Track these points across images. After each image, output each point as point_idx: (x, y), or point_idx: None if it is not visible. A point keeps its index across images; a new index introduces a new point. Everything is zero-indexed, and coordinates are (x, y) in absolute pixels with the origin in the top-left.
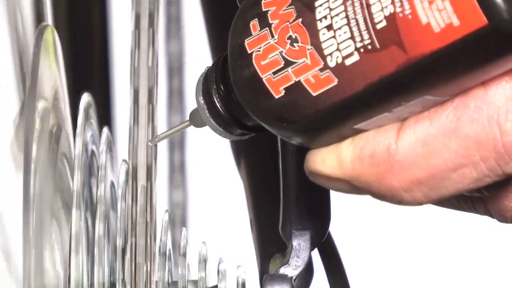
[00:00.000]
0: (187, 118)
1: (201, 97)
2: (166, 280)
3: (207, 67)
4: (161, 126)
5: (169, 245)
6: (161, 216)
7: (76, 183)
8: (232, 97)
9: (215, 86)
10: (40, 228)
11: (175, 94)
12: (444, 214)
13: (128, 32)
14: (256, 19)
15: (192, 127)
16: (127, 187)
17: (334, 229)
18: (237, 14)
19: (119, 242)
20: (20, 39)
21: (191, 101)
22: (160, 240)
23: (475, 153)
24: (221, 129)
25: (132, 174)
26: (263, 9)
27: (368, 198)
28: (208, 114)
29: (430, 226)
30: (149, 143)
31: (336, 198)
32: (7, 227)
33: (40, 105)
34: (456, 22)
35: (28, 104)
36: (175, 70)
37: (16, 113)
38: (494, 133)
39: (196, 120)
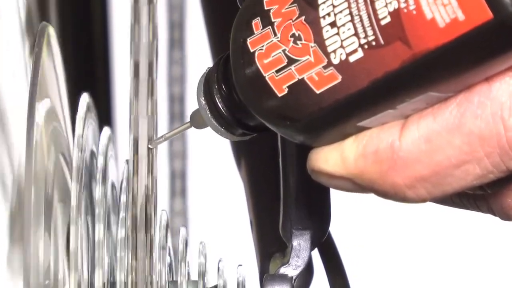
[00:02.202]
0: (188, 120)
1: (203, 98)
2: (166, 280)
3: (208, 67)
4: (161, 129)
5: (169, 245)
6: (161, 216)
7: (75, 185)
8: (234, 97)
9: (216, 86)
10: (39, 229)
11: (176, 100)
12: (445, 214)
13: (128, 32)
14: (258, 17)
15: (193, 128)
16: (128, 186)
17: (334, 228)
18: (238, 13)
19: (119, 242)
20: (29, 37)
21: (191, 104)
22: (160, 240)
23: (478, 149)
24: (222, 129)
25: (133, 169)
26: (265, 8)
27: (368, 197)
28: (209, 115)
29: (431, 225)
30: (150, 146)
31: (336, 198)
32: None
33: (41, 104)
34: (461, 16)
35: (29, 104)
36: (176, 75)
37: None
38: (498, 129)
39: (197, 121)
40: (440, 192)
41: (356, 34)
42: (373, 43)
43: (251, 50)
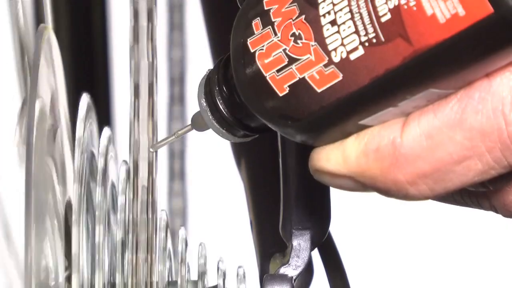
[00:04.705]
0: (187, 121)
1: (204, 99)
2: (165, 280)
3: (209, 69)
4: (162, 132)
5: (169, 245)
6: (161, 216)
7: (76, 186)
8: (235, 98)
9: (217, 88)
10: (40, 229)
11: (176, 101)
12: (446, 214)
13: (128, 32)
14: (258, 18)
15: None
16: (127, 187)
17: (334, 229)
18: (238, 14)
19: (119, 242)
20: (23, 38)
21: (192, 107)
22: (160, 240)
23: (480, 145)
24: (224, 131)
25: (133, 172)
26: (265, 8)
27: (369, 198)
28: (210, 116)
29: (432, 226)
30: (151, 149)
31: (337, 198)
32: (9, 228)
33: (40, 105)
34: (461, 12)
35: (28, 104)
36: (176, 75)
37: (17, 113)
38: (499, 124)
39: (198, 123)
40: (442, 188)
41: (356, 31)
42: (374, 40)
43: (252, 50)
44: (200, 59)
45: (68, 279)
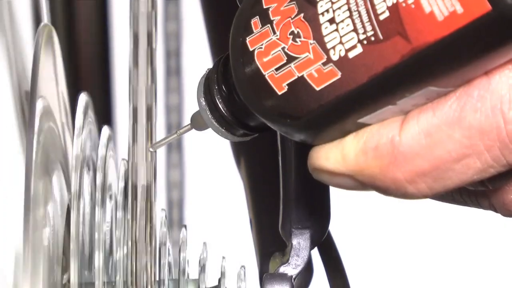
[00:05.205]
0: (188, 122)
1: (203, 98)
2: (166, 279)
3: (208, 68)
4: (161, 131)
5: (169, 245)
6: (161, 215)
7: (74, 185)
8: (234, 97)
9: (216, 87)
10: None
11: (174, 101)
12: (446, 213)
13: (128, 32)
14: (257, 16)
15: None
16: (127, 186)
17: (334, 228)
18: (237, 12)
19: (119, 241)
20: (16, 41)
21: (191, 106)
22: (160, 240)
23: (479, 143)
24: (223, 130)
25: (132, 172)
26: (264, 6)
27: (368, 197)
28: (210, 115)
29: (431, 225)
30: (150, 149)
31: (336, 197)
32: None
33: (40, 104)
34: (459, 9)
35: (29, 104)
36: (173, 72)
37: (12, 115)
38: (497, 122)
39: (197, 123)
40: (441, 187)
41: (355, 29)
42: (372, 38)
43: (251, 49)
44: (198, 55)
45: None
